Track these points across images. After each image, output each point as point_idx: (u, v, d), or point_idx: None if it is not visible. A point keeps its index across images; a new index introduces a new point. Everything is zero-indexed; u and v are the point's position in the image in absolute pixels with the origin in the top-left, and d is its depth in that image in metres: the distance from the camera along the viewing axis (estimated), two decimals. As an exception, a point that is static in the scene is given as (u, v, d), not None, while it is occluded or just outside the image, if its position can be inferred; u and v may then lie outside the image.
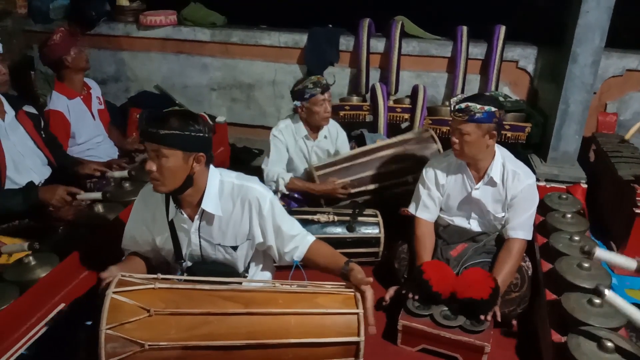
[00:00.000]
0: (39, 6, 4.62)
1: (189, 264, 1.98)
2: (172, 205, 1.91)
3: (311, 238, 2.05)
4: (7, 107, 2.64)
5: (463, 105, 2.29)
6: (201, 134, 1.78)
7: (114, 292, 1.61)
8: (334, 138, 3.27)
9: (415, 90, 3.77)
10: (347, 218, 2.77)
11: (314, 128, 3.14)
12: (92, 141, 3.28)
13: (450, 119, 2.38)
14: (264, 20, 4.61)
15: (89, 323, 2.25)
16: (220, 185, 1.92)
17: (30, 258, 2.08)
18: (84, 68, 3.22)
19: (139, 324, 1.59)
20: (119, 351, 1.56)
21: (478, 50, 3.99)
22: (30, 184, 2.54)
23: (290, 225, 2.01)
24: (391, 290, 2.48)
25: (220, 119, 3.65)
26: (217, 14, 4.50)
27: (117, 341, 1.56)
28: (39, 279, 2.02)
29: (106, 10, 4.65)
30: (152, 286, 1.68)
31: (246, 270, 2.06)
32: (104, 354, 1.54)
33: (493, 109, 2.28)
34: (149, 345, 1.57)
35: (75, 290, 2.16)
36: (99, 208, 2.48)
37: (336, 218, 2.76)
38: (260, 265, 2.15)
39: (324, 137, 3.21)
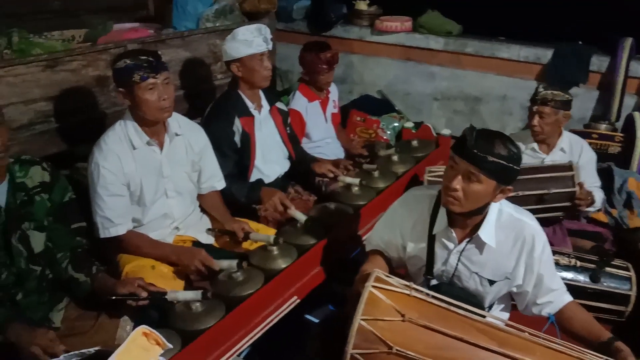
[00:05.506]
0: (285, 6, 4.84)
1: (435, 282, 1.89)
2: (441, 219, 1.82)
3: (568, 297, 1.84)
4: (264, 101, 2.82)
5: None
6: (518, 168, 1.66)
7: (373, 286, 1.57)
8: (575, 154, 2.85)
9: (685, 125, 3.21)
10: (592, 266, 2.42)
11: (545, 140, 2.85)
12: (322, 141, 3.39)
13: None
14: (502, 31, 4.35)
15: (316, 320, 2.34)
16: (498, 214, 1.78)
17: (274, 248, 2.20)
18: (323, 89, 3.33)
19: (391, 325, 1.53)
20: (365, 345, 1.52)
21: None
22: (260, 181, 2.70)
23: (553, 276, 1.82)
24: (642, 361, 2.11)
25: (445, 131, 3.48)
26: (453, 22, 4.36)
27: (367, 335, 1.52)
28: (280, 270, 2.12)
29: (344, 14, 4.80)
30: (407, 292, 1.61)
31: (490, 306, 1.91)
32: (352, 343, 1.51)
33: None
34: (396, 349, 1.50)
35: (307, 284, 2.23)
36: (332, 207, 2.54)
37: (578, 263, 2.43)
38: (503, 305, 1.97)
39: (560, 150, 2.87)
